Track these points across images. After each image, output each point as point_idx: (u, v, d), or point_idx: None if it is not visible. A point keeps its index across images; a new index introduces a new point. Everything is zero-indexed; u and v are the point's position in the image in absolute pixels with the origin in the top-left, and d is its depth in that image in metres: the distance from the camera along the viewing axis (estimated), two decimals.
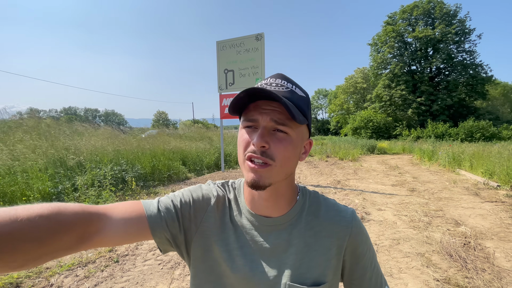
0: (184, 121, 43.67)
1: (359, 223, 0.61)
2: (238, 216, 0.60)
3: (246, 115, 0.53)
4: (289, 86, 0.53)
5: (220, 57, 7.25)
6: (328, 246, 0.57)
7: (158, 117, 58.81)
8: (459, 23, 28.77)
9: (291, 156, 0.52)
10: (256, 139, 0.49)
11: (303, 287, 0.54)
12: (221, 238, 0.58)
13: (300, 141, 0.55)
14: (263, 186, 0.50)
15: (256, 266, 0.56)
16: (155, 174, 6.45)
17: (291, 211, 0.59)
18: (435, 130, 23.02)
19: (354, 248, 0.59)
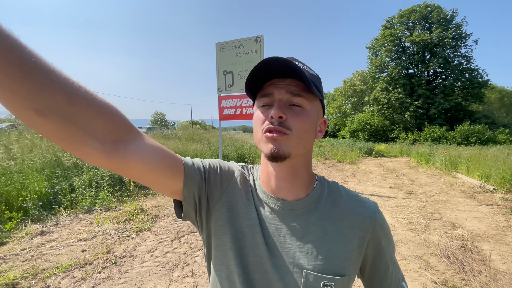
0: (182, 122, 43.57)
1: (382, 216, 0.59)
2: (256, 197, 0.59)
3: (261, 92, 0.54)
4: (301, 65, 0.54)
5: (219, 58, 7.27)
6: (349, 237, 0.54)
7: (156, 118, 58.58)
8: (456, 28, 29.12)
9: (308, 128, 0.52)
10: (274, 111, 0.49)
11: (322, 275, 0.51)
12: (244, 211, 0.57)
13: (316, 116, 0.54)
14: (283, 155, 0.50)
15: (272, 247, 0.54)
16: None
17: (308, 197, 0.57)
18: (432, 133, 23.18)
19: (377, 242, 0.56)
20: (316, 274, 0.51)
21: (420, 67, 30.98)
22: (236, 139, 13.40)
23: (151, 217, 3.99)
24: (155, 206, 4.56)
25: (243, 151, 11.04)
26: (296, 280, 0.52)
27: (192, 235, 3.38)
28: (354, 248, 0.54)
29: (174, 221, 3.87)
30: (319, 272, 0.51)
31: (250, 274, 0.54)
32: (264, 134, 0.51)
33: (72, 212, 4.06)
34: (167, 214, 4.16)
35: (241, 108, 7.13)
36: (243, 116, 7.19)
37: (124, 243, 3.13)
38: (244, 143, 13.13)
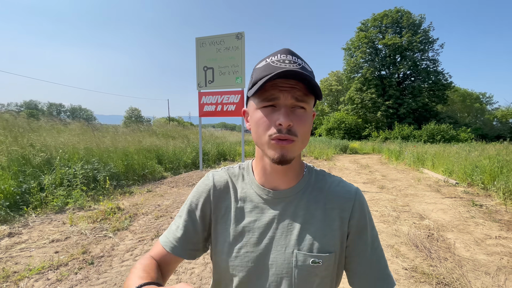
0: (158, 119, 42.13)
1: (363, 199, 0.62)
2: (245, 191, 0.63)
3: (263, 94, 0.53)
4: (300, 62, 0.54)
5: (199, 54, 7.14)
6: (333, 218, 0.59)
7: (131, 114, 56.10)
8: (423, 33, 31.04)
9: (308, 130, 0.55)
10: (283, 119, 0.51)
11: (311, 254, 0.56)
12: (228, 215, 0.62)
13: (311, 114, 0.57)
14: (290, 160, 0.53)
15: (265, 235, 0.59)
16: (129, 173, 6.19)
17: (297, 185, 0.61)
18: (402, 132, 24.61)
19: (356, 221, 0.59)
20: (305, 253, 0.56)
21: (392, 69, 32.67)
22: (216, 136, 13.27)
23: (129, 216, 3.86)
24: (133, 205, 4.42)
25: (223, 148, 10.97)
26: (288, 260, 0.56)
27: None
28: (337, 228, 0.58)
29: (153, 219, 3.78)
30: (307, 251, 0.56)
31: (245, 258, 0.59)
32: (272, 140, 0.53)
33: (42, 212, 3.81)
34: (146, 213, 4.05)
35: (222, 105, 7.07)
36: (224, 113, 7.13)
37: (101, 243, 3.01)
38: (224, 140, 13.05)
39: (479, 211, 4.39)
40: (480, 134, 24.98)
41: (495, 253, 2.87)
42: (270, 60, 0.55)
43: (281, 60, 0.54)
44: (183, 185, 6.05)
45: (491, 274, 2.44)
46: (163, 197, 5.02)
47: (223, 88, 7.07)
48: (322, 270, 0.56)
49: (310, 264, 0.55)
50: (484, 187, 5.92)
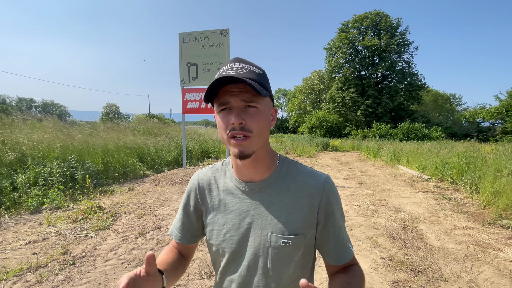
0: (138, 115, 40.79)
1: (331, 186, 0.69)
2: (227, 185, 0.73)
3: (218, 100, 0.62)
4: (247, 67, 0.62)
5: (182, 49, 7.02)
6: (303, 205, 0.66)
7: (108, 110, 53.80)
8: (400, 36, 32.42)
9: (264, 125, 0.63)
10: (234, 118, 0.59)
11: (282, 236, 0.64)
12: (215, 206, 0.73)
13: (268, 111, 0.65)
14: (249, 154, 0.61)
15: (244, 222, 0.68)
16: (109, 172, 5.99)
17: (270, 176, 0.69)
18: (379, 130, 25.65)
19: (325, 207, 0.67)
20: (277, 235, 0.65)
21: (370, 69, 33.84)
22: (199, 133, 13.11)
23: (111, 215, 3.76)
24: (114, 204, 4.30)
25: (207, 145, 10.88)
26: (264, 241, 0.66)
27: (158, 231, 3.29)
28: (306, 213, 0.66)
29: (137, 218, 3.71)
30: (279, 234, 0.65)
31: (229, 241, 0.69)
32: (230, 138, 0.61)
33: (16, 213, 3.62)
34: (129, 211, 3.97)
35: None
36: (208, 110, 7.08)
37: (82, 243, 2.92)
38: (208, 137, 12.93)
39: (449, 204, 4.73)
40: (450, 133, 26.58)
41: (462, 242, 3.12)
42: (221, 70, 0.64)
43: (229, 69, 0.62)
44: (166, 183, 5.95)
45: (459, 261, 2.67)
46: (145, 195, 4.92)
47: (207, 85, 6.99)
48: (292, 250, 0.65)
49: (281, 244, 0.64)
50: (453, 181, 6.36)
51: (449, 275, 2.41)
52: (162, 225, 3.45)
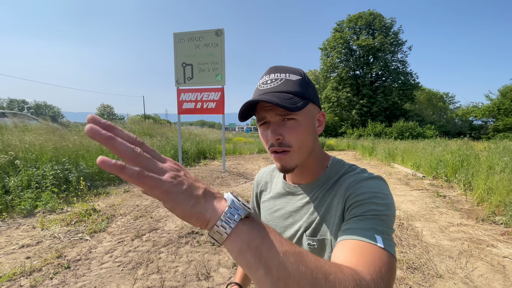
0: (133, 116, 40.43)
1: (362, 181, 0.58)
2: (278, 185, 0.78)
3: (257, 115, 0.62)
4: (283, 76, 0.60)
5: (177, 49, 6.98)
6: (334, 205, 0.61)
7: (102, 111, 53.23)
8: (394, 35, 32.73)
9: (305, 137, 0.60)
10: (271, 135, 0.58)
11: (311, 238, 0.64)
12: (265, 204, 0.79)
13: (310, 119, 0.62)
14: (290, 169, 0.62)
15: (286, 222, 0.71)
16: (104, 173, 5.93)
17: (316, 180, 0.68)
18: (374, 129, 25.86)
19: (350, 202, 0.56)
20: (307, 237, 0.65)
21: (365, 69, 34.10)
22: (195, 134, 13.05)
23: (106, 217, 3.72)
24: (110, 206, 4.25)
25: (203, 146, 10.84)
26: (297, 242, 0.67)
27: (154, 232, 3.26)
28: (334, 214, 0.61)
29: (133, 220, 3.67)
30: (309, 235, 0.65)
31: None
32: (271, 153, 0.62)
33: (8, 216, 3.55)
34: (124, 213, 3.93)
35: (201, 102, 6.99)
36: (204, 110, 7.05)
37: (77, 246, 2.88)
38: (204, 138, 12.88)
39: (443, 201, 4.78)
40: (444, 131, 26.97)
41: (457, 239, 3.16)
42: (258, 83, 0.63)
43: (264, 82, 0.61)
44: None
45: (454, 257, 2.70)
46: (141, 197, 4.88)
47: (203, 85, 6.99)
48: (319, 252, 0.63)
49: (308, 246, 0.64)
50: (447, 179, 6.44)
51: (445, 271, 2.44)
52: (158, 226, 3.43)
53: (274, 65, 0.66)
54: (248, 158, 11.21)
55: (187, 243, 2.95)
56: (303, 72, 0.64)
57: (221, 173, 7.14)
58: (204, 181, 5.11)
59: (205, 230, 0.74)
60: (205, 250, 2.80)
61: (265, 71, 0.64)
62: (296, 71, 0.62)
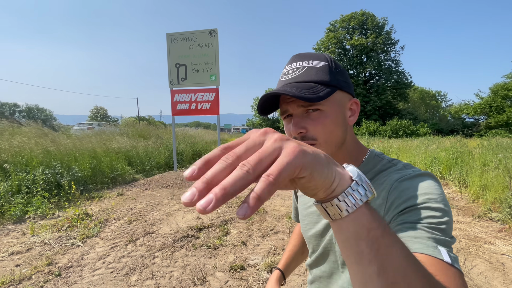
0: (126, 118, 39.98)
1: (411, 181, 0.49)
2: None
3: (280, 108, 0.59)
4: (305, 64, 0.56)
5: (171, 50, 6.90)
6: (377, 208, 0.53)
7: (96, 114, 52.53)
8: (386, 35, 33.05)
9: (333, 128, 0.55)
10: (292, 129, 0.55)
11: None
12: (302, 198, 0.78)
13: (339, 108, 0.56)
14: None
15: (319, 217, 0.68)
16: (97, 177, 5.81)
17: None
18: (369, 128, 26.03)
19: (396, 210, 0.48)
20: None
21: (358, 68, 34.36)
22: (190, 135, 12.95)
23: (99, 221, 3.63)
24: (103, 210, 4.16)
25: (199, 147, 10.76)
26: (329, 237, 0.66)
27: (148, 236, 3.19)
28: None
29: (126, 224, 3.59)
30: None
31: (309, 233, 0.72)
32: None
33: None
34: (118, 217, 3.84)
35: (196, 103, 6.92)
36: (198, 111, 6.98)
37: (69, 252, 2.79)
38: (199, 139, 12.78)
39: None
40: (437, 129, 27.29)
41: (455, 236, 3.16)
42: (281, 74, 0.60)
43: (286, 72, 0.58)
44: (156, 187, 5.82)
45: None
46: (135, 200, 4.79)
47: (197, 86, 6.92)
48: None
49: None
50: (442, 176, 6.48)
51: None
52: (152, 230, 3.35)
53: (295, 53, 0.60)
54: None
55: (183, 246, 2.89)
56: (330, 57, 0.58)
57: None
58: None
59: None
60: (201, 254, 2.75)
61: (288, 60, 0.60)
62: (321, 57, 0.57)
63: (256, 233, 3.21)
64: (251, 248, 2.82)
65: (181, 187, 5.79)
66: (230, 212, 3.98)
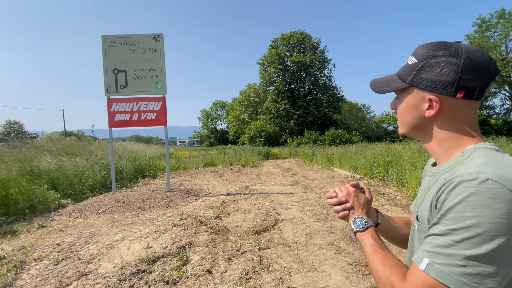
0: (49, 134, 34.09)
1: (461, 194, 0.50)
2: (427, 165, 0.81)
3: None
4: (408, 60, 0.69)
5: (107, 54, 6.09)
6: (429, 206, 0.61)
7: (9, 129, 43.44)
8: (321, 53, 36.72)
9: (404, 114, 0.70)
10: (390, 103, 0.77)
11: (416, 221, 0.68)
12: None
13: (410, 99, 0.68)
14: (400, 134, 0.74)
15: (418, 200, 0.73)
16: (9, 207, 4.56)
17: (442, 166, 0.66)
18: (310, 137, 28.01)
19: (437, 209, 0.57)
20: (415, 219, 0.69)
21: (299, 83, 37.08)
22: (130, 150, 11.63)
23: (13, 265, 2.75)
24: (18, 249, 3.20)
25: (141, 164, 9.68)
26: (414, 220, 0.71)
27: (84, 279, 2.51)
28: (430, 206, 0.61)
29: (52, 265, 2.79)
30: (416, 218, 0.68)
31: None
32: None
33: None
34: (40, 257, 2.98)
35: (139, 113, 6.18)
36: (141, 122, 6.24)
37: None
38: (141, 154, 11.56)
39: (384, 198, 5.23)
40: (366, 136, 31.01)
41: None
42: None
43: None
44: (91, 213, 4.87)
45: None
46: (63, 232, 3.87)
47: (140, 94, 6.23)
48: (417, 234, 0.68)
49: (415, 227, 0.69)
50: (381, 178, 7.18)
51: None
52: (89, 270, 2.66)
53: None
54: (195, 173, 10.50)
55: (132, 287, 2.34)
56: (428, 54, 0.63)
57: (166, 192, 6.38)
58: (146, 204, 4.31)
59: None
60: None
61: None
62: (418, 54, 0.66)
63: (221, 256, 2.84)
64: (218, 276, 2.45)
65: (122, 210, 4.98)
66: (187, 235, 3.51)
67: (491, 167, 0.51)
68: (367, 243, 0.70)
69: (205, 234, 3.54)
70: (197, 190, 6.75)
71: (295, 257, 2.82)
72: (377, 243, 0.69)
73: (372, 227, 0.74)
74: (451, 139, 0.65)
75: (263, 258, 2.79)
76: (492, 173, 0.50)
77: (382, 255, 0.64)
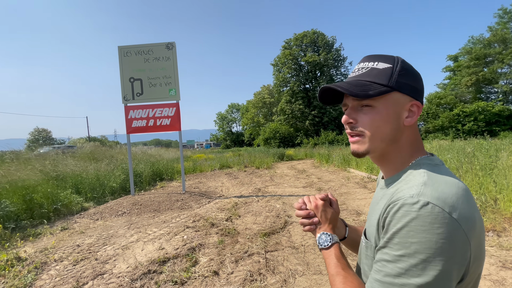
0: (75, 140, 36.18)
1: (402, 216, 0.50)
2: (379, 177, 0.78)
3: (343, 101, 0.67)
4: (370, 65, 0.63)
5: (124, 64, 6.40)
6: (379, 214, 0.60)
7: (37, 136, 46.62)
8: (336, 52, 36.04)
9: (381, 125, 0.60)
10: (343, 118, 0.64)
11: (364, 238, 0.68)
12: None
13: (393, 108, 0.60)
14: (360, 154, 0.63)
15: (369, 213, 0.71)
16: (34, 210, 4.92)
17: (391, 177, 0.64)
18: (327, 137, 27.51)
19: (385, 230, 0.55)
20: (364, 236, 0.69)
21: (314, 83, 36.60)
22: (149, 154, 12.08)
23: (35, 266, 2.97)
24: (40, 251, 3.45)
25: (159, 167, 10.03)
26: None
27: (100, 279, 2.67)
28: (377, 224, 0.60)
29: (71, 265, 2.99)
30: (364, 234, 0.69)
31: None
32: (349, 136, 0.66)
33: None
34: (60, 258, 3.20)
35: (154, 119, 6.43)
36: (157, 128, 6.49)
37: None
38: (159, 158, 11.97)
39: None
40: None
41: None
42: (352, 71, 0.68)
43: (353, 71, 0.66)
44: (110, 215, 5.13)
45: None
46: (84, 234, 4.12)
47: (155, 101, 6.49)
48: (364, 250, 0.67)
49: (362, 242, 0.69)
50: None
51: None
52: (105, 270, 2.83)
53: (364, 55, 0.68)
54: (210, 175, 10.70)
55: (143, 286, 2.46)
56: (398, 61, 0.61)
57: (181, 194, 6.57)
58: (162, 206, 4.45)
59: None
60: None
61: (360, 60, 0.67)
62: (389, 59, 0.62)
63: (229, 258, 2.91)
64: (225, 278, 2.51)
65: (139, 213, 5.20)
66: (198, 237, 3.61)
67: (431, 189, 0.52)
68: (330, 263, 0.66)
69: (215, 236, 3.63)
70: (211, 192, 6.89)
71: (301, 260, 2.82)
72: (340, 263, 0.65)
73: (337, 244, 0.70)
74: (409, 149, 0.63)
75: (269, 260, 2.81)
76: (432, 195, 0.50)
77: (343, 278, 0.61)
